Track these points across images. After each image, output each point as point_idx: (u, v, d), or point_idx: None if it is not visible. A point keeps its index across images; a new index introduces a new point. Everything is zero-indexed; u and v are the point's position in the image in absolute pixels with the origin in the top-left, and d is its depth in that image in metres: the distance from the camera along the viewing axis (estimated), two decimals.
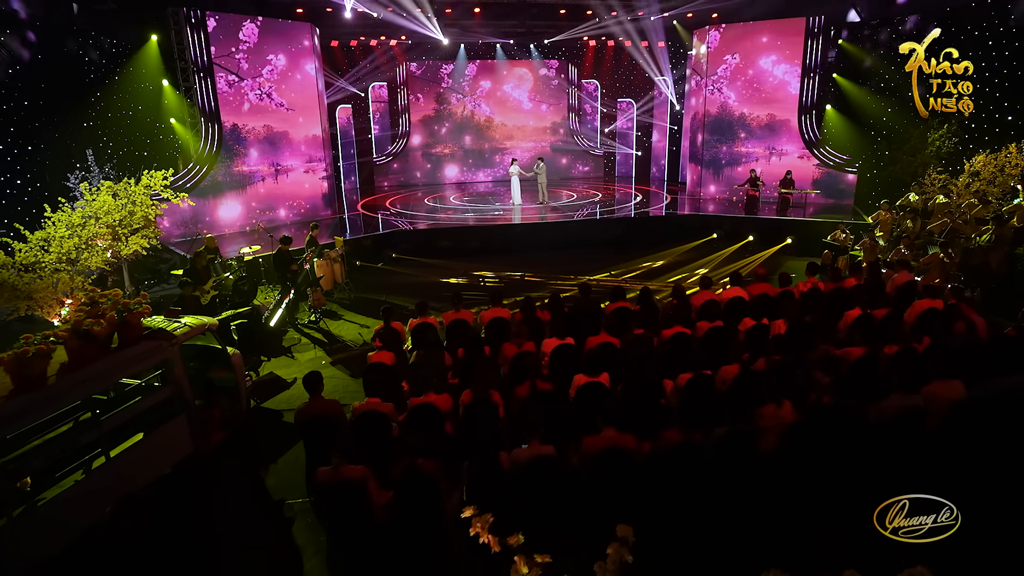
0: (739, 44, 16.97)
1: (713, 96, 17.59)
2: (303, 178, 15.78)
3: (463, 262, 13.18)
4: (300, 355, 8.61)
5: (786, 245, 13.79)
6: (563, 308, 7.27)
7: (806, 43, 16.19)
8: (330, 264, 11.00)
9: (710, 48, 17.25)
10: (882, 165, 16.05)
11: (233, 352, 6.19)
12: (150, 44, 12.96)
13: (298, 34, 15.08)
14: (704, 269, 12.35)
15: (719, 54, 17.24)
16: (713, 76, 17.44)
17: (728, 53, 17.13)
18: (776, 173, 16.55)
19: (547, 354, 6.22)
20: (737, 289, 7.70)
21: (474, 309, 8.48)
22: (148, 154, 12.83)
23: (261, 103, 14.61)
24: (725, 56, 17.19)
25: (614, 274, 12.18)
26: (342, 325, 9.80)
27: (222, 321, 7.41)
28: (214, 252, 10.05)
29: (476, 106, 22.63)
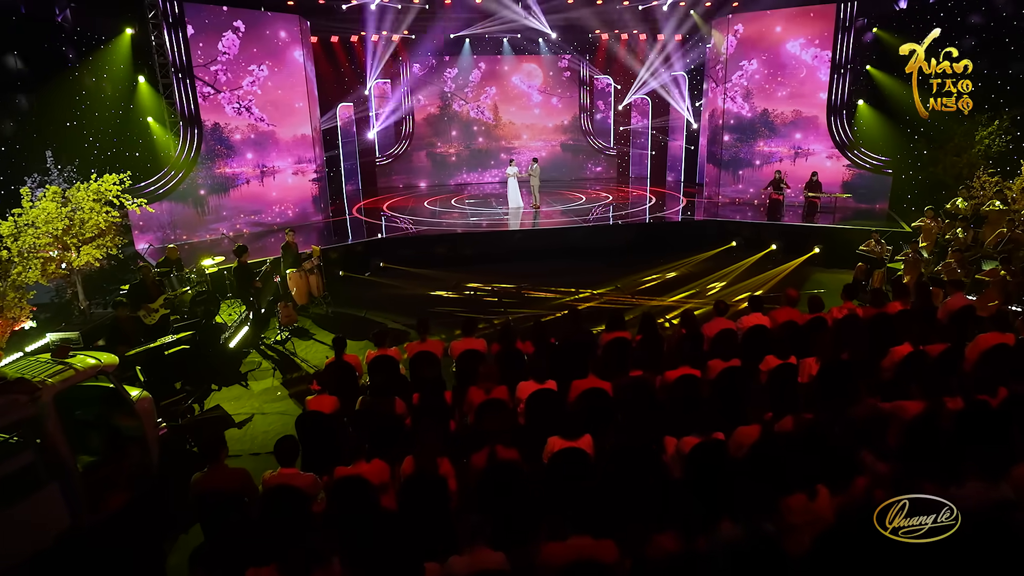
0: (761, 34, 15.62)
1: (733, 91, 16.26)
2: (292, 180, 14.84)
3: (456, 272, 12.09)
4: (256, 384, 7.59)
5: (813, 255, 12.46)
6: (548, 338, 6.14)
7: (836, 32, 14.79)
8: (304, 276, 9.98)
9: (730, 39, 15.93)
10: (919, 166, 14.62)
11: (141, 396, 5.16)
12: (123, 37, 12.08)
13: (286, 27, 14.12)
14: (721, 283, 11.10)
15: (739, 46, 15.91)
16: (733, 69, 16.11)
17: (749, 44, 15.79)
18: (802, 175, 15.18)
19: (523, 400, 5.10)
20: (758, 316, 6.49)
21: (444, 337, 7.42)
22: (119, 155, 11.94)
23: (240, 116, 13.67)
24: (746, 48, 15.86)
25: (620, 286, 11.00)
26: (311, 347, 8.77)
27: (155, 349, 6.42)
28: (173, 264, 9.09)
29: (480, 113, 21.53)
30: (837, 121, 15.26)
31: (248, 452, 5.93)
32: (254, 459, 5.83)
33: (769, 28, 15.51)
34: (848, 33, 14.72)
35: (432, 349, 6.07)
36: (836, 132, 15.31)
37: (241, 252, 8.70)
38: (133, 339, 6.54)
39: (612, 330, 6.22)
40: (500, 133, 21.94)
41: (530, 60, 21.37)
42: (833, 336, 6.27)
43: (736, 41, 15.89)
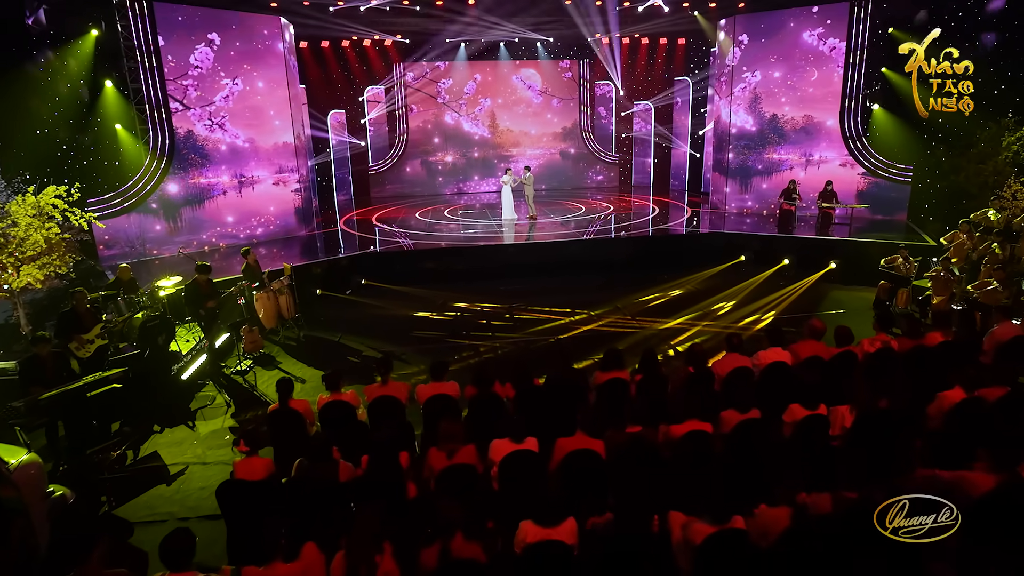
0: (770, 35, 14.76)
1: (740, 96, 15.39)
2: (272, 191, 14.00)
3: (444, 290, 11.22)
4: (204, 424, 6.70)
5: (829, 271, 11.53)
6: (532, 380, 5.23)
7: (850, 32, 13.91)
8: (273, 297, 9.12)
9: (736, 40, 15.08)
10: (938, 173, 13.69)
11: (27, 460, 4.27)
12: (87, 38, 11.29)
13: (267, 29, 13.34)
14: (730, 302, 10.18)
15: (747, 48, 15.05)
16: (740, 73, 15.25)
17: (757, 46, 14.93)
18: (814, 184, 14.28)
19: (497, 463, 4.20)
20: (777, 351, 5.57)
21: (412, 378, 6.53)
22: (79, 164, 11.14)
23: (212, 135, 12.87)
24: (753, 50, 15.00)
25: (620, 307, 10.08)
26: (274, 378, 7.85)
27: (75, 391, 5.53)
28: (123, 286, 8.21)
29: (475, 120, 20.71)
30: (851, 127, 14.35)
31: (175, 516, 5.02)
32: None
33: (778, 29, 14.65)
34: (862, 28, 13.82)
35: (395, 393, 5.18)
36: (849, 135, 14.40)
37: (203, 271, 7.83)
38: (54, 379, 5.66)
39: (608, 369, 5.32)
40: (497, 140, 21.12)
41: (528, 65, 20.58)
42: (867, 377, 5.34)
43: (743, 43, 15.03)
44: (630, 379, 5.36)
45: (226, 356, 8.29)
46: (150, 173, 12.12)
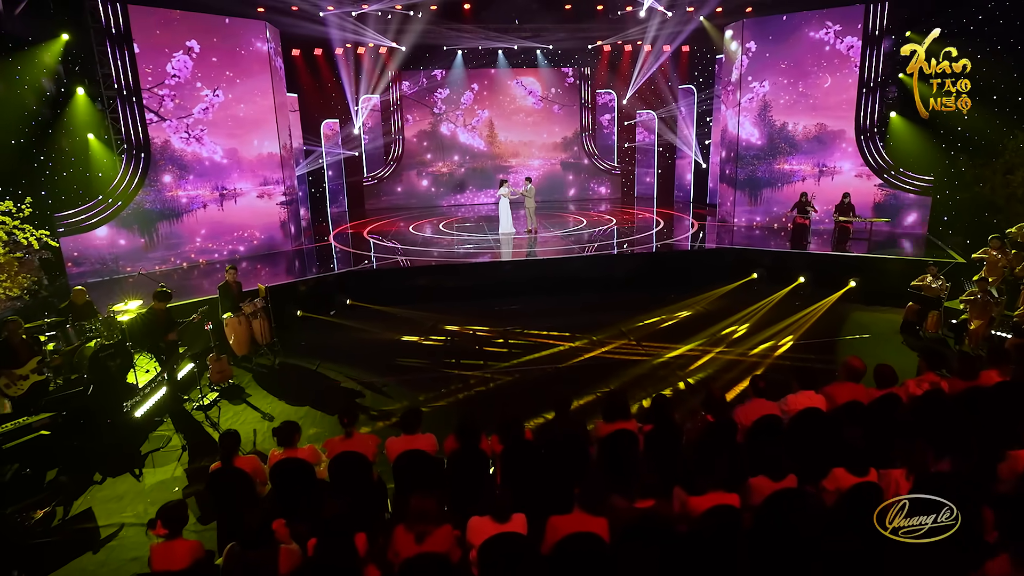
0: (779, 40, 14.06)
1: (749, 104, 14.67)
2: (256, 204, 13.27)
3: (435, 311, 10.45)
4: (152, 473, 5.89)
5: (849, 290, 10.73)
6: (522, 432, 4.43)
7: (865, 35, 13.21)
8: (246, 321, 8.35)
9: (743, 47, 14.38)
10: (958, 184, 12.93)
11: None
12: (56, 42, 10.61)
13: (252, 34, 12.68)
14: (743, 325, 9.38)
15: (755, 54, 14.35)
16: (748, 80, 14.54)
17: (766, 52, 14.23)
18: (828, 196, 13.52)
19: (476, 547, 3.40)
20: (810, 395, 4.78)
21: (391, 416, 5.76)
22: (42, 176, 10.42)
23: (190, 146, 12.16)
24: (762, 56, 14.30)
25: (624, 330, 9.29)
26: (240, 414, 7.08)
27: None
28: (75, 311, 7.44)
29: (473, 129, 20.05)
30: (867, 130, 13.61)
31: None
32: None
33: (788, 34, 13.95)
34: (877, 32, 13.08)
35: (361, 448, 4.39)
36: (865, 144, 13.65)
37: (161, 298, 7.05)
38: None
39: (611, 419, 4.53)
40: (495, 151, 20.44)
41: (527, 73, 19.93)
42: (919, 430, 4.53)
43: (751, 50, 14.34)
44: (638, 431, 4.57)
45: (189, 388, 7.49)
46: (124, 185, 11.41)
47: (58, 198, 10.72)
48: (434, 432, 4.49)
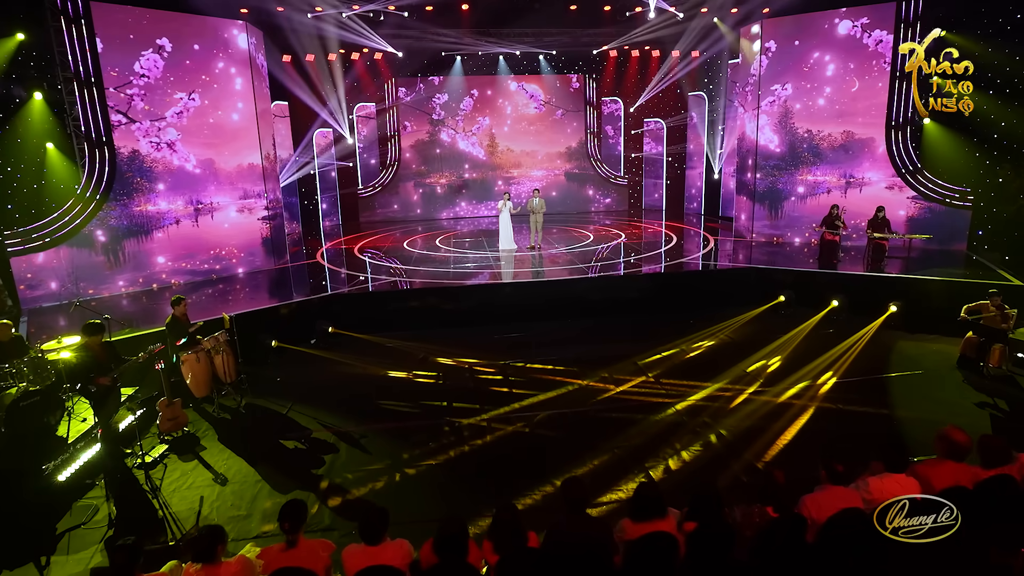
0: (801, 41, 13.01)
1: (769, 108, 13.61)
2: (235, 219, 12.20)
3: (426, 340, 9.34)
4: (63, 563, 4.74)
5: (890, 316, 9.59)
6: (523, 539, 3.30)
7: (896, 35, 12.15)
8: (206, 358, 7.23)
9: (762, 48, 13.33)
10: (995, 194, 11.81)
11: None
12: (11, 41, 9.61)
13: (229, 34, 11.67)
14: (776, 358, 8.24)
15: (775, 56, 13.30)
16: (767, 84, 13.48)
17: (786, 53, 13.18)
18: (856, 209, 12.42)
19: None
20: (899, 480, 3.64)
21: (368, 482, 4.64)
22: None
23: (160, 154, 11.11)
24: (782, 59, 13.25)
25: (639, 365, 8.16)
26: (188, 475, 5.94)
27: None
28: None
29: (473, 139, 19.03)
30: (899, 138, 12.52)
31: None
32: None
33: (812, 32, 12.91)
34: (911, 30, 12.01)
35: (308, 563, 3.25)
36: (898, 153, 12.56)
37: (92, 332, 5.91)
38: None
39: (641, 518, 3.40)
40: (496, 161, 19.41)
41: (530, 80, 18.93)
42: None
43: (771, 51, 13.28)
44: (677, 530, 3.44)
45: (131, 442, 6.35)
46: (85, 200, 10.36)
47: (11, 214, 9.72)
48: (413, 507, 3.37)
